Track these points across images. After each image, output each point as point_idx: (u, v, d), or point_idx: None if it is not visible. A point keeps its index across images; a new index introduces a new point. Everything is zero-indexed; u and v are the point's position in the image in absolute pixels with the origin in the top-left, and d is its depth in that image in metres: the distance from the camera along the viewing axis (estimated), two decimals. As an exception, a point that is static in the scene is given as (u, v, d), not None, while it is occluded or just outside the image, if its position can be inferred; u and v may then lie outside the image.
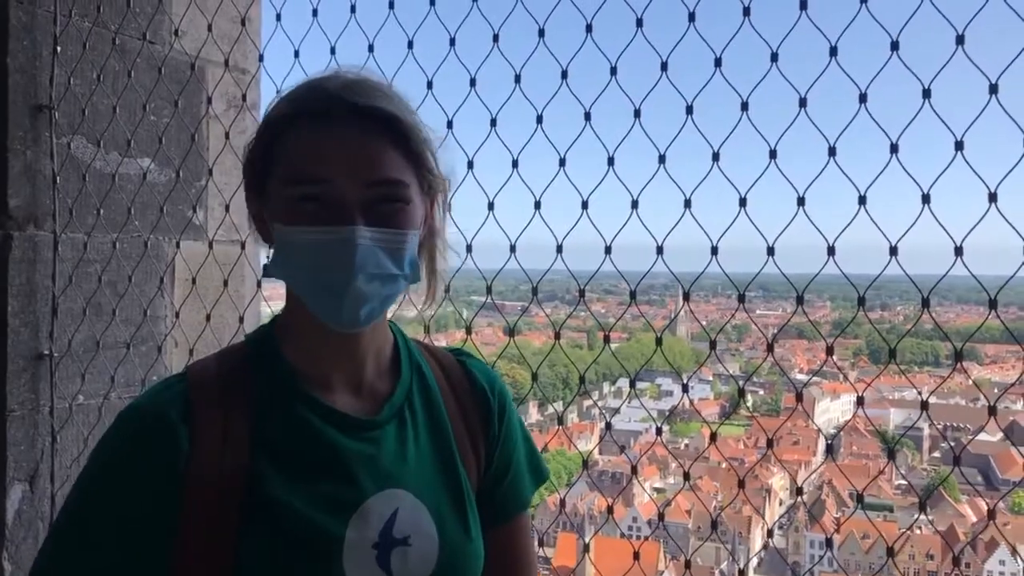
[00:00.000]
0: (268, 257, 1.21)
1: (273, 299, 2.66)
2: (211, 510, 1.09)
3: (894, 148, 1.65)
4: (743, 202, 1.80)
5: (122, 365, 2.66)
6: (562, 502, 2.16)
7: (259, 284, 2.65)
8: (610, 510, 2.13)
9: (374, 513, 1.16)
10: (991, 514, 1.74)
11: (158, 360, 2.72)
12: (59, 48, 2.55)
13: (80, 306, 2.59)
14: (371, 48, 2.18)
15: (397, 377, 1.27)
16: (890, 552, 1.80)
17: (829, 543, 2.01)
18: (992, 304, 1.60)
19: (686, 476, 2.01)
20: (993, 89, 1.56)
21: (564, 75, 1.99)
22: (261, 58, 2.63)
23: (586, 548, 2.10)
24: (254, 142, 1.19)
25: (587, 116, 1.97)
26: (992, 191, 1.56)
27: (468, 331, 2.13)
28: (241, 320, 2.63)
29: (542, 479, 1.44)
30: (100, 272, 2.63)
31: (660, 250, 1.89)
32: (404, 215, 1.15)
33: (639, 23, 1.92)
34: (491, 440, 1.34)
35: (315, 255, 1.11)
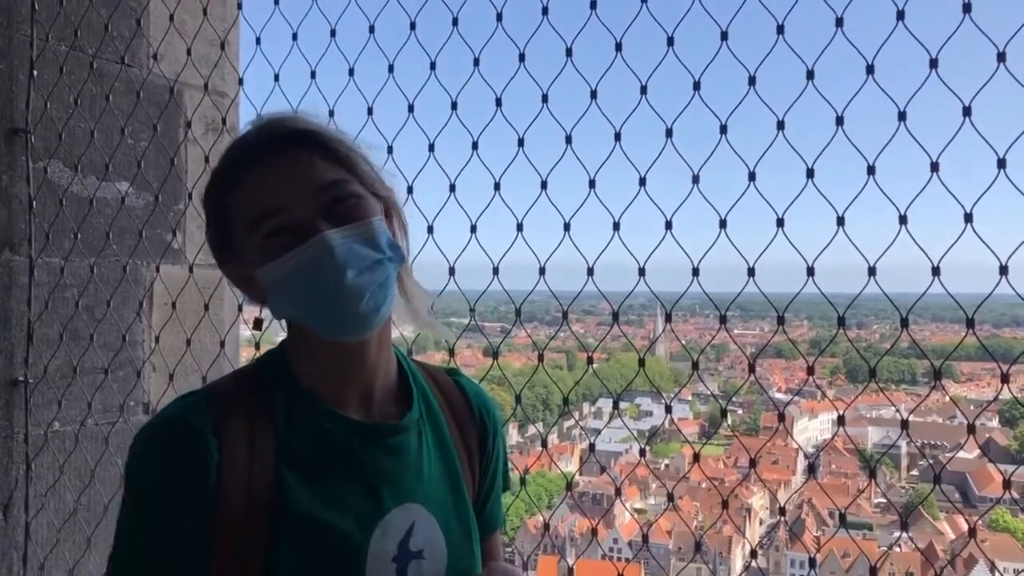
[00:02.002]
0: (261, 312, 1.29)
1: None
2: (242, 520, 1.11)
3: (871, 170, 1.67)
4: (723, 223, 1.82)
5: (99, 391, 2.62)
6: (546, 526, 2.15)
7: (240, 308, 2.63)
8: (595, 532, 2.12)
9: (394, 526, 1.19)
10: (972, 532, 1.75)
11: (136, 386, 2.69)
12: (36, 72, 2.53)
13: (56, 331, 2.56)
14: (351, 72, 2.18)
15: (404, 400, 1.30)
16: (873, 572, 1.80)
17: (812, 563, 2.01)
18: (970, 323, 1.61)
19: (670, 497, 2.01)
20: (967, 111, 1.59)
21: (545, 99, 2.01)
22: (241, 81, 2.62)
23: (570, 572, 2.09)
24: (206, 217, 1.26)
25: (568, 139, 1.98)
26: (968, 211, 1.58)
27: (451, 353, 2.12)
28: (222, 345, 2.61)
29: (507, 489, 1.49)
30: (77, 297, 2.60)
31: (642, 271, 1.90)
32: (359, 207, 1.19)
33: (618, 47, 1.94)
34: (485, 459, 1.39)
35: (302, 276, 1.14)
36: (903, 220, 1.64)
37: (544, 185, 1.99)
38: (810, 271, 1.73)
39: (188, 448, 1.12)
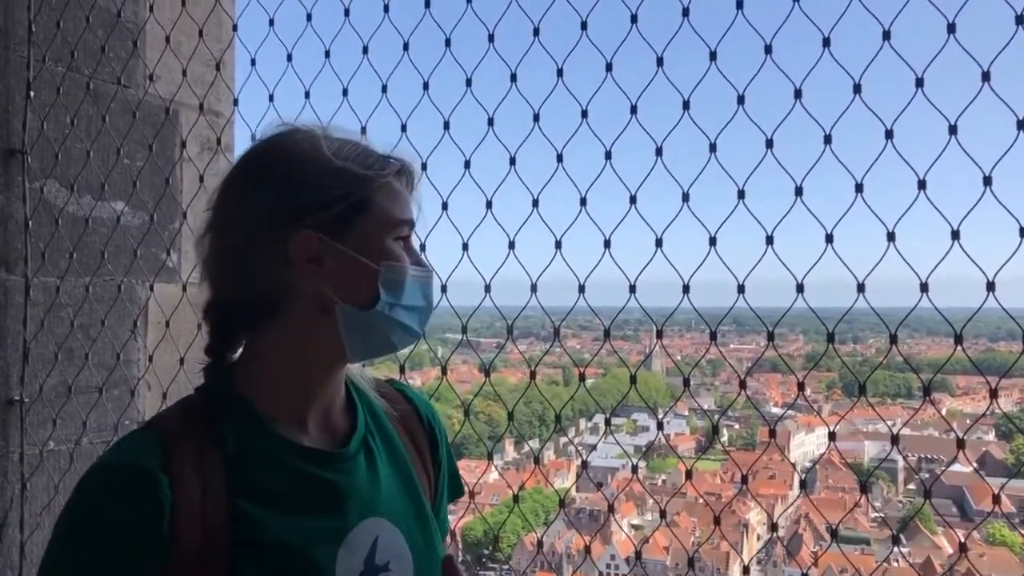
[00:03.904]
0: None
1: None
2: (199, 554, 1.09)
3: (859, 187, 1.69)
4: (713, 241, 1.84)
5: (94, 410, 2.63)
6: (539, 543, 2.16)
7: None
8: (587, 550, 2.13)
9: (358, 543, 1.20)
10: (963, 547, 1.76)
11: (131, 404, 2.69)
12: (32, 93, 2.55)
13: (52, 351, 2.57)
14: (345, 92, 2.21)
15: (353, 411, 1.32)
16: (867, 586, 1.81)
17: (806, 578, 2.01)
18: (958, 339, 1.63)
19: (662, 514, 2.02)
20: (953, 130, 1.61)
21: (536, 117, 2.03)
22: (236, 102, 2.64)
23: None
24: (345, 188, 1.20)
25: (559, 158, 2.00)
26: (955, 228, 1.60)
27: (444, 370, 2.14)
28: (215, 363, 2.61)
29: (459, 494, 1.51)
30: (72, 316, 2.61)
31: (633, 289, 1.92)
32: None
33: (608, 67, 1.96)
34: (437, 465, 1.42)
35: (414, 291, 1.24)
36: (891, 237, 1.65)
37: (536, 203, 2.01)
38: (799, 288, 1.74)
39: (140, 492, 1.08)
